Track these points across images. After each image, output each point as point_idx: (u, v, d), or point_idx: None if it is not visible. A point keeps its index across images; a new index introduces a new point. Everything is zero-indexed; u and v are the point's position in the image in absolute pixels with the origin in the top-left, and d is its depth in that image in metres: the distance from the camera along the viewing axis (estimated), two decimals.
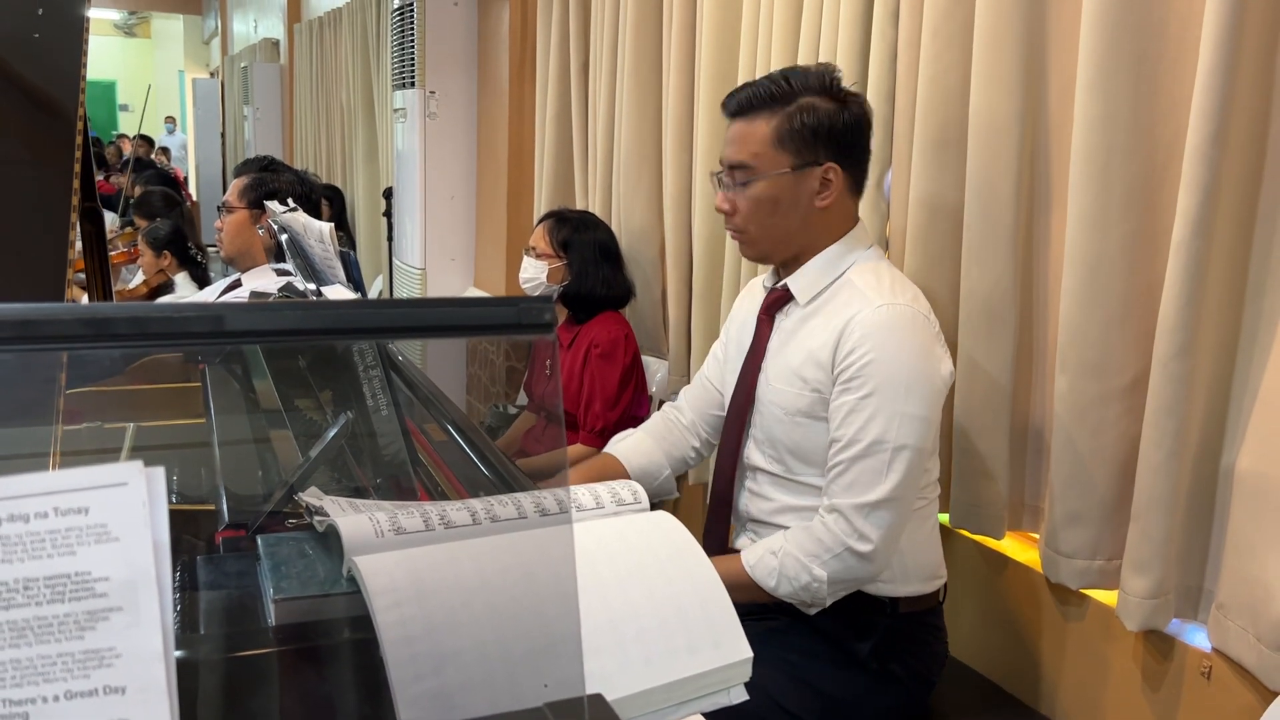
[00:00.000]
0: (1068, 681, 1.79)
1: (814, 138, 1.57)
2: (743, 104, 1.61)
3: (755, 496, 1.70)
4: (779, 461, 1.65)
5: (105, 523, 0.48)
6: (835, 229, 1.64)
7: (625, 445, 1.85)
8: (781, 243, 1.64)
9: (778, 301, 1.69)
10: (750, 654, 0.85)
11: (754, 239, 1.65)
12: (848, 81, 1.65)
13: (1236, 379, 1.50)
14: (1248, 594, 1.43)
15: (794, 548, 1.53)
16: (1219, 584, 1.51)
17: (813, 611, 1.57)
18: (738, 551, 1.65)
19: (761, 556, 1.55)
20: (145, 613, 0.48)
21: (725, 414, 1.76)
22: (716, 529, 1.75)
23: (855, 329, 1.53)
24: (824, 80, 1.60)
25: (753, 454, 1.70)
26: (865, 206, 2.04)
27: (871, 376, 1.51)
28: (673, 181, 2.72)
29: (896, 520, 1.53)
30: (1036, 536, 1.83)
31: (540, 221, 2.72)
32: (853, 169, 1.62)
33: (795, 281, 1.65)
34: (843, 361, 1.54)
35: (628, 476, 1.79)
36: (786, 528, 1.63)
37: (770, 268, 1.75)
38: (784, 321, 1.67)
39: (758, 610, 1.65)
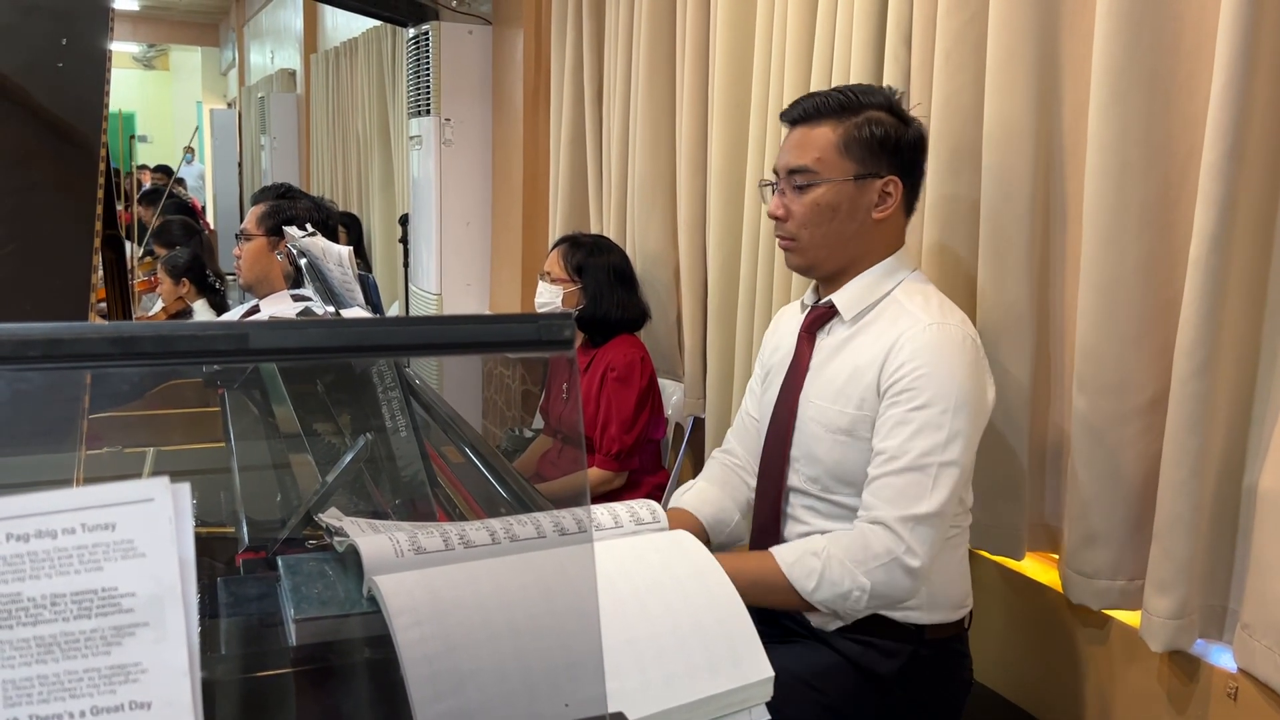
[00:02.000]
0: (1093, 704, 1.77)
1: (880, 149, 1.57)
2: (809, 110, 1.60)
3: (789, 519, 1.67)
4: (815, 481, 1.61)
5: (132, 538, 0.48)
6: (886, 245, 1.62)
7: (691, 497, 1.79)
8: (833, 252, 1.62)
9: (820, 319, 1.66)
10: (771, 673, 0.85)
11: (805, 246, 1.62)
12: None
13: (1258, 396, 1.49)
14: (1273, 613, 1.42)
15: (840, 551, 1.47)
16: (1244, 603, 1.50)
17: (832, 627, 1.53)
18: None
19: (800, 556, 1.49)
20: (171, 628, 0.48)
21: (764, 440, 1.71)
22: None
23: (905, 344, 1.51)
24: (888, 98, 1.61)
25: (791, 476, 1.66)
26: None
27: (923, 390, 1.48)
28: (687, 206, 2.73)
29: (939, 537, 1.49)
30: (1057, 557, 1.82)
31: (554, 247, 2.74)
32: (910, 186, 1.62)
33: (840, 296, 1.62)
34: (892, 375, 1.51)
35: (703, 530, 1.73)
36: None
37: (810, 286, 1.72)
38: (825, 339, 1.64)
39: (780, 632, 1.64)
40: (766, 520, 1.70)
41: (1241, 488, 1.51)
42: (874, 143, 1.57)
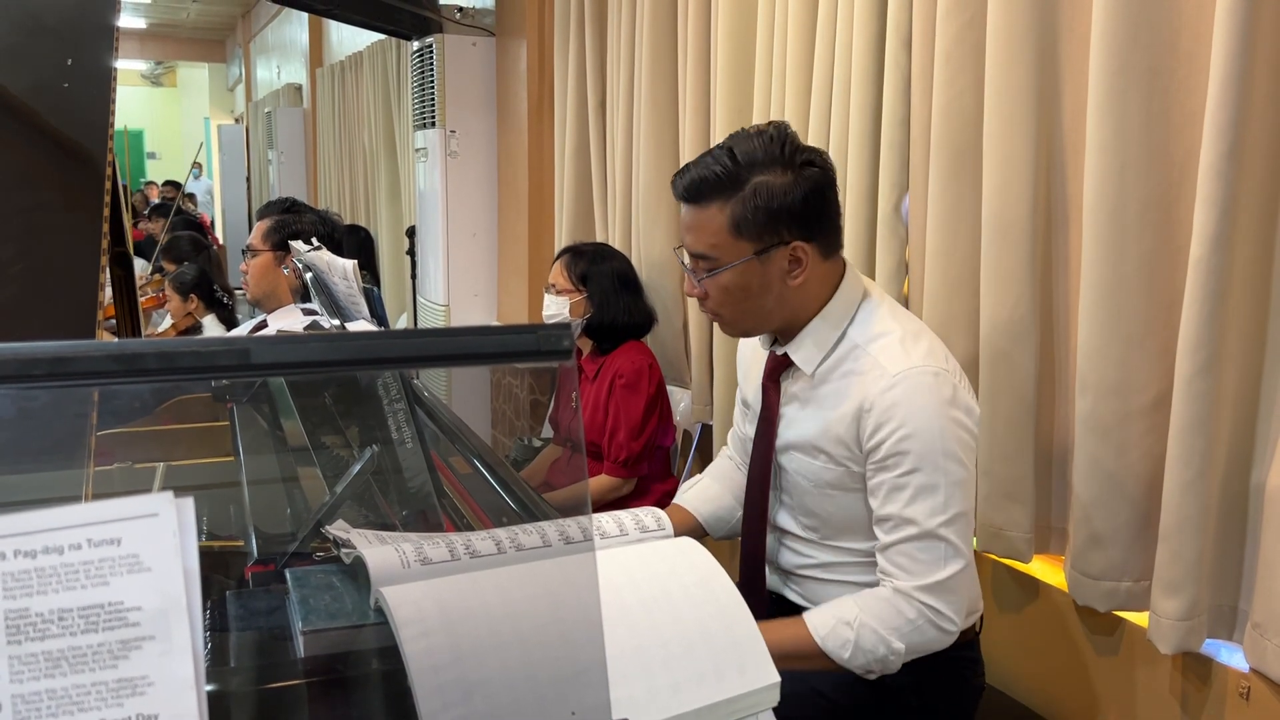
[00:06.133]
0: (1105, 705, 1.77)
1: (773, 220, 1.48)
2: (691, 189, 1.51)
3: (790, 551, 1.67)
4: (814, 530, 1.61)
5: (137, 553, 0.49)
6: (820, 296, 1.55)
7: (692, 494, 1.81)
8: (763, 321, 1.57)
9: (779, 367, 1.62)
10: (778, 679, 0.85)
11: (730, 321, 1.58)
12: (861, 111, 1.64)
13: (1264, 394, 1.48)
14: None
15: (871, 619, 1.45)
16: (1254, 603, 1.49)
17: (872, 677, 1.50)
18: (782, 603, 1.62)
19: (834, 628, 1.46)
20: (177, 641, 0.49)
21: (746, 482, 1.70)
22: (754, 583, 1.69)
23: (877, 406, 1.46)
24: (773, 149, 1.48)
25: (785, 520, 1.65)
26: (884, 231, 2.05)
27: (908, 452, 1.44)
28: None
29: (967, 585, 1.48)
30: (1064, 559, 1.81)
31: (557, 258, 2.75)
32: (821, 237, 1.52)
33: (796, 353, 1.57)
34: (870, 440, 1.47)
35: (700, 527, 1.75)
36: (827, 581, 1.61)
37: None
38: (792, 387, 1.61)
39: None
40: (752, 553, 1.69)
41: (1249, 486, 1.51)
42: (764, 215, 1.47)
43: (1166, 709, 1.65)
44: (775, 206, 1.47)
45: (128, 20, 12.28)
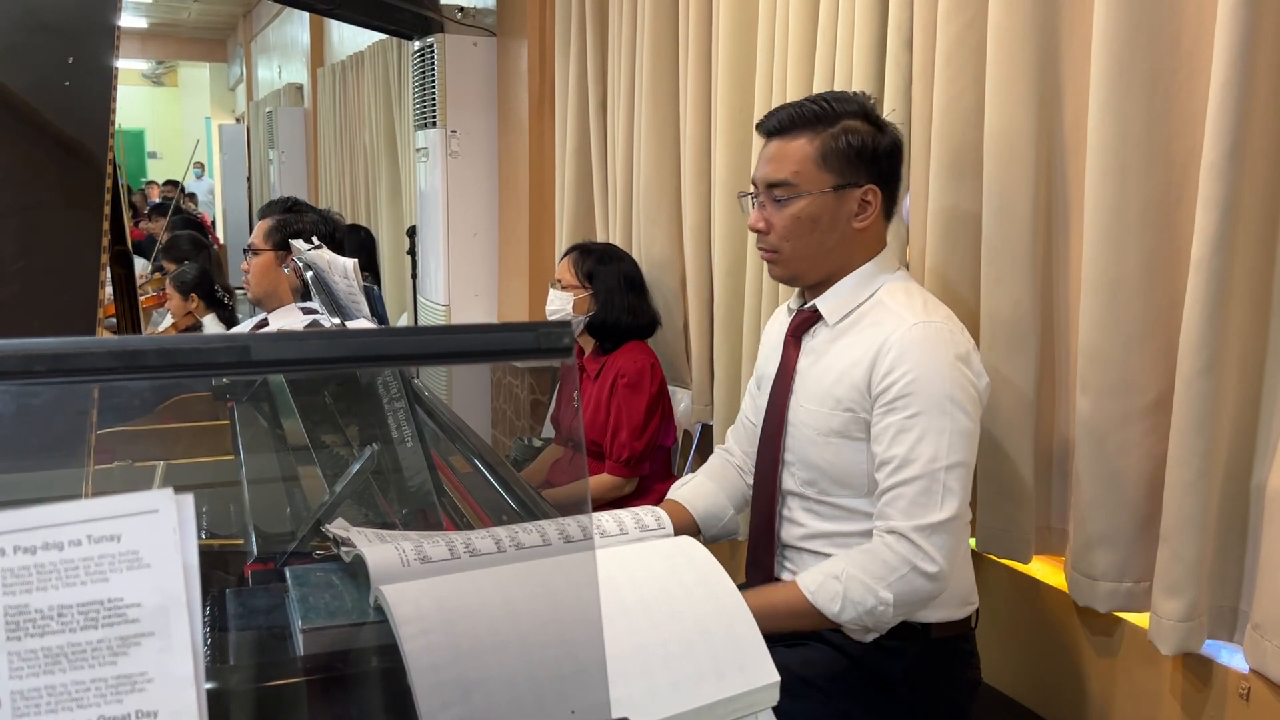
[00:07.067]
0: (1104, 706, 1.77)
1: (857, 159, 1.58)
2: (784, 122, 1.61)
3: (786, 521, 1.69)
4: (811, 484, 1.63)
5: (137, 549, 0.49)
6: (866, 251, 1.64)
7: (686, 490, 1.83)
8: (816, 263, 1.63)
9: (805, 323, 1.68)
10: (777, 678, 0.85)
11: (788, 258, 1.64)
12: None
13: (1265, 395, 1.48)
14: None
15: (857, 570, 1.49)
16: (1254, 604, 1.49)
17: (869, 638, 1.53)
18: (779, 580, 1.63)
19: (823, 582, 1.50)
20: (176, 637, 0.49)
21: (758, 443, 1.73)
22: (762, 559, 1.72)
23: (892, 348, 1.52)
24: (863, 105, 1.61)
25: (784, 478, 1.68)
26: None
27: (917, 395, 1.49)
28: (692, 213, 2.74)
29: (958, 538, 1.51)
30: (1064, 559, 1.81)
31: (564, 255, 2.76)
32: (889, 192, 1.63)
33: (825, 302, 1.64)
34: (882, 382, 1.52)
35: (693, 522, 1.77)
36: (820, 554, 1.61)
37: (795, 292, 1.74)
38: (811, 342, 1.66)
39: (786, 636, 1.64)
40: (761, 524, 1.72)
41: (1250, 487, 1.51)
42: (851, 153, 1.58)
43: (1167, 710, 1.65)
44: (861, 147, 1.58)
45: (129, 20, 12.28)
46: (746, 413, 1.86)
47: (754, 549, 1.73)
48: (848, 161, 1.58)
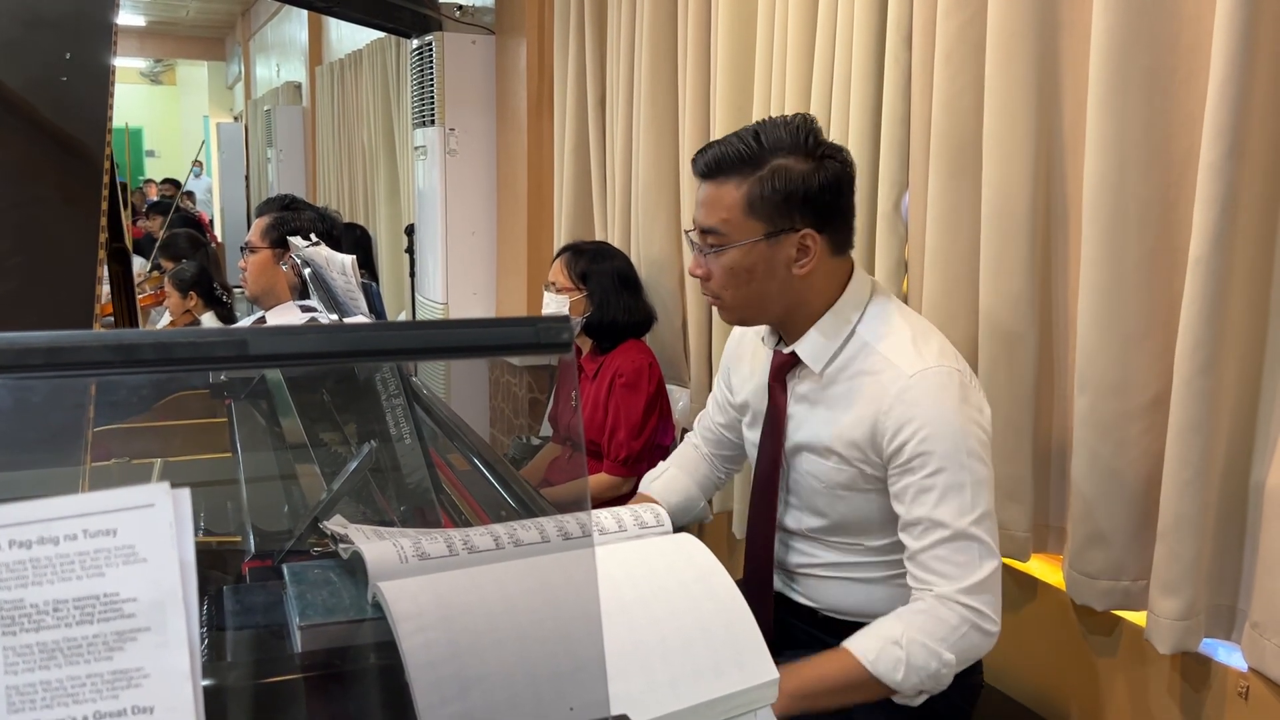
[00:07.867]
0: (1103, 705, 1.77)
1: (785, 203, 1.47)
2: (711, 165, 1.51)
3: (795, 551, 1.66)
4: (823, 530, 1.60)
5: (133, 544, 0.49)
6: (824, 293, 1.54)
7: (660, 485, 1.82)
8: (762, 309, 1.56)
9: (786, 366, 1.60)
10: (776, 675, 0.85)
11: (730, 306, 1.57)
12: (861, 108, 1.64)
13: (1263, 394, 1.48)
14: None
15: (919, 634, 1.42)
16: (1252, 602, 1.49)
17: (920, 700, 1.46)
18: (785, 603, 1.62)
19: (882, 649, 1.42)
20: (172, 633, 0.48)
21: (752, 483, 1.69)
22: (760, 596, 1.67)
23: (894, 407, 1.45)
24: (798, 137, 1.49)
25: (792, 520, 1.64)
26: (884, 229, 2.04)
27: (932, 453, 1.43)
28: (690, 211, 2.74)
29: (1000, 584, 1.47)
30: (1062, 558, 1.81)
31: (557, 256, 2.75)
32: (832, 231, 1.51)
33: (803, 349, 1.56)
34: (892, 443, 1.46)
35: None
36: (832, 578, 1.61)
37: None
38: (799, 387, 1.59)
39: (785, 635, 1.63)
40: (760, 558, 1.68)
41: (1248, 486, 1.51)
42: (778, 197, 1.47)
43: (1164, 708, 1.65)
44: (790, 190, 1.47)
45: (127, 18, 12.27)
46: (713, 417, 1.83)
47: (751, 580, 1.69)
48: (775, 207, 1.47)
